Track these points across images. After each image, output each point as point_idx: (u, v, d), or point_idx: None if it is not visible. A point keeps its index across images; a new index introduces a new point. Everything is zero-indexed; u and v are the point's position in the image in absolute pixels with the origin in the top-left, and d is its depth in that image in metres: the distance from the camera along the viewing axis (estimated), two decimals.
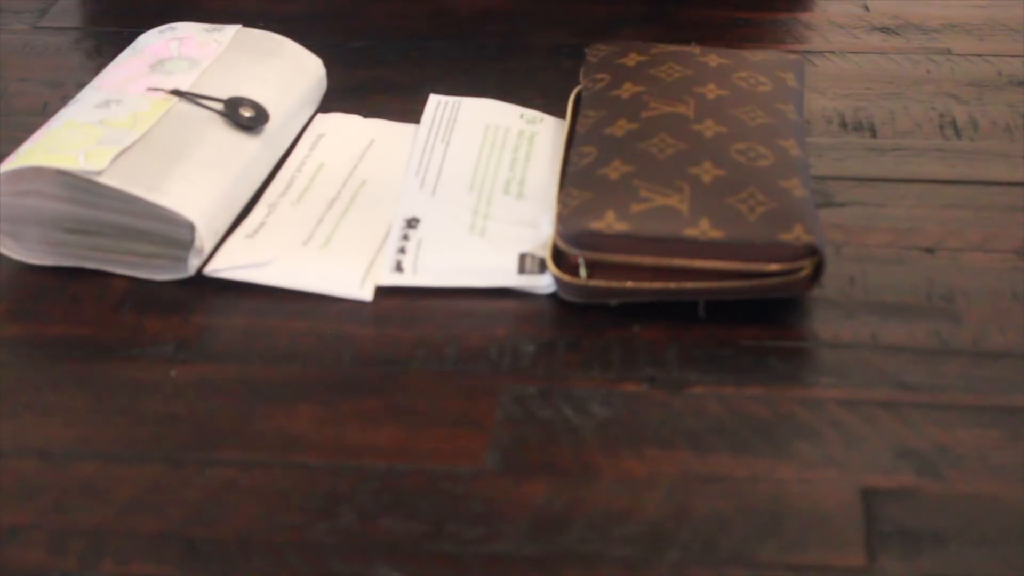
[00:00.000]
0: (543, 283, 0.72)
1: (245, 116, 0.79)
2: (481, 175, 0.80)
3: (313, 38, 0.99)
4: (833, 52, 0.97)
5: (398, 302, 0.72)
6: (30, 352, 0.69)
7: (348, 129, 0.86)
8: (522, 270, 0.73)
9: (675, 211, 0.70)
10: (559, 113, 0.89)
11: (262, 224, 0.76)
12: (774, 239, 0.69)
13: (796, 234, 0.69)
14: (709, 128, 0.76)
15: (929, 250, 0.76)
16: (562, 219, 0.71)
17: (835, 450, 0.62)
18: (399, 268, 0.73)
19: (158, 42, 0.85)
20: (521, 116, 0.86)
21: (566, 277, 0.70)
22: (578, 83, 0.92)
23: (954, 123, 0.87)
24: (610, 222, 0.70)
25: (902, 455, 0.62)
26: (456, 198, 0.78)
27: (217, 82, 0.81)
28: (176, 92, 0.79)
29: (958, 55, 0.96)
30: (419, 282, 0.73)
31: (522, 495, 0.60)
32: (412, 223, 0.76)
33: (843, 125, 0.87)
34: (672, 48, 0.85)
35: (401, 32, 1.01)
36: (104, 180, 0.71)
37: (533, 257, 0.74)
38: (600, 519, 0.59)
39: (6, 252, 0.75)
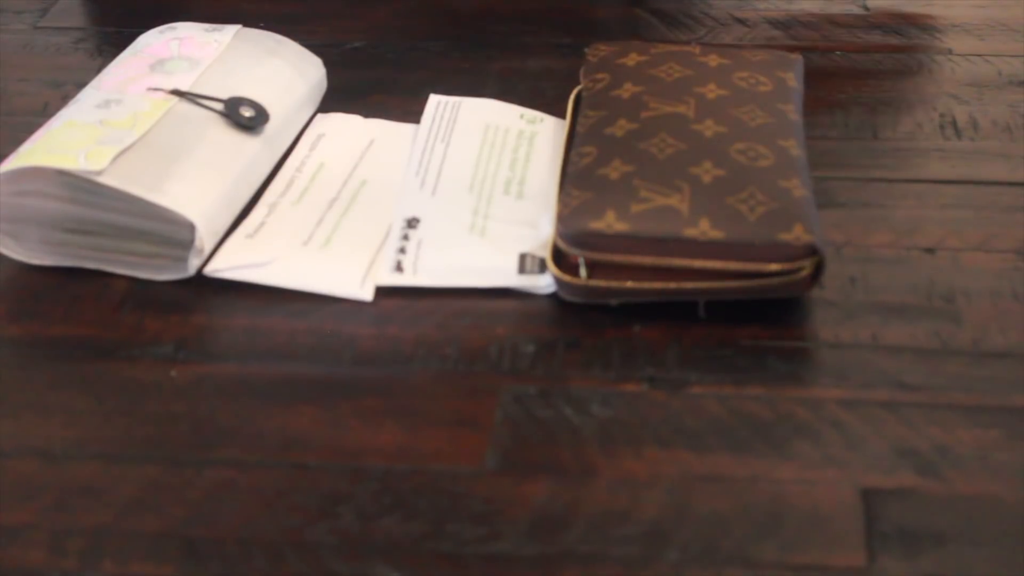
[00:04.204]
0: (543, 283, 0.72)
1: (245, 116, 0.79)
2: (481, 175, 0.80)
3: (313, 38, 0.99)
4: (833, 52, 0.97)
5: (398, 302, 0.72)
6: (30, 352, 0.69)
7: (348, 129, 0.86)
8: (522, 270, 0.73)
9: (675, 211, 0.70)
10: (559, 113, 0.89)
11: (262, 224, 0.76)
12: (774, 239, 0.69)
13: (796, 234, 0.69)
14: (709, 128, 0.76)
15: (929, 250, 0.76)
16: (562, 219, 0.71)
17: (835, 450, 0.62)
18: (399, 268, 0.73)
19: (158, 42, 0.85)
20: (521, 116, 0.86)
21: (566, 277, 0.70)
22: (578, 83, 0.92)
23: (954, 123, 0.87)
24: (610, 222, 0.70)
25: (902, 455, 0.62)
26: (456, 198, 0.78)
27: (217, 82, 0.81)
28: (176, 92, 0.79)
29: (958, 55, 0.96)
30: (419, 282, 0.73)
31: (522, 495, 0.60)
32: (412, 223, 0.76)
33: (844, 125, 0.87)
34: (672, 48, 0.85)
35: (401, 32, 1.01)
36: (104, 180, 0.71)
37: (533, 257, 0.74)
38: (600, 519, 0.59)
39: (6, 252, 0.75)
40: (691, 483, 0.61)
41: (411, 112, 0.89)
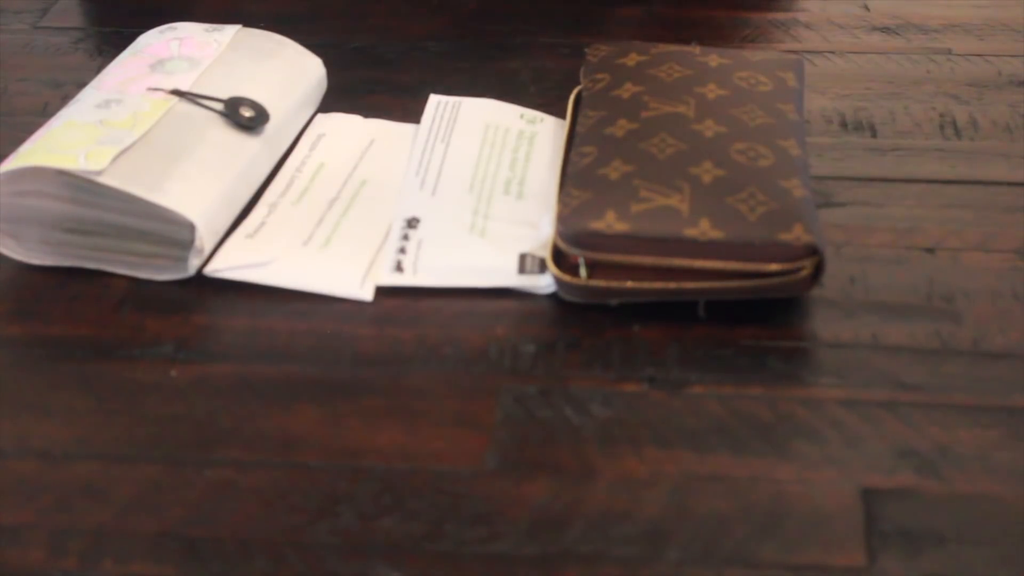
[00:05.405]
0: (543, 283, 0.72)
1: (245, 116, 0.79)
2: (481, 175, 0.80)
3: (313, 38, 0.99)
4: (833, 52, 0.97)
5: (398, 302, 0.72)
6: (30, 352, 0.69)
7: (348, 129, 0.86)
8: (522, 270, 0.73)
9: (675, 211, 0.70)
10: (559, 113, 0.89)
11: (262, 224, 0.76)
12: (774, 239, 0.69)
13: (796, 234, 0.69)
14: (709, 128, 0.76)
15: (929, 250, 0.76)
16: (562, 219, 0.71)
17: (835, 450, 0.62)
18: (399, 268, 0.73)
19: (158, 42, 0.85)
20: (521, 116, 0.86)
21: (566, 277, 0.70)
22: (578, 83, 0.92)
23: (954, 123, 0.87)
24: (610, 222, 0.70)
25: (902, 455, 0.62)
26: (456, 198, 0.78)
27: (217, 82, 0.81)
28: (176, 92, 0.79)
29: (958, 55, 0.96)
30: (419, 282, 0.73)
31: (522, 495, 0.60)
32: (412, 223, 0.76)
33: (843, 125, 0.87)
34: (672, 48, 0.85)
35: (401, 32, 1.01)
36: (104, 180, 0.71)
37: (533, 257, 0.74)
38: (600, 519, 0.59)
39: (6, 252, 0.75)
40: (691, 483, 0.61)
41: (411, 112, 0.89)
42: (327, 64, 0.94)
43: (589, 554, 0.57)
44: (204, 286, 0.73)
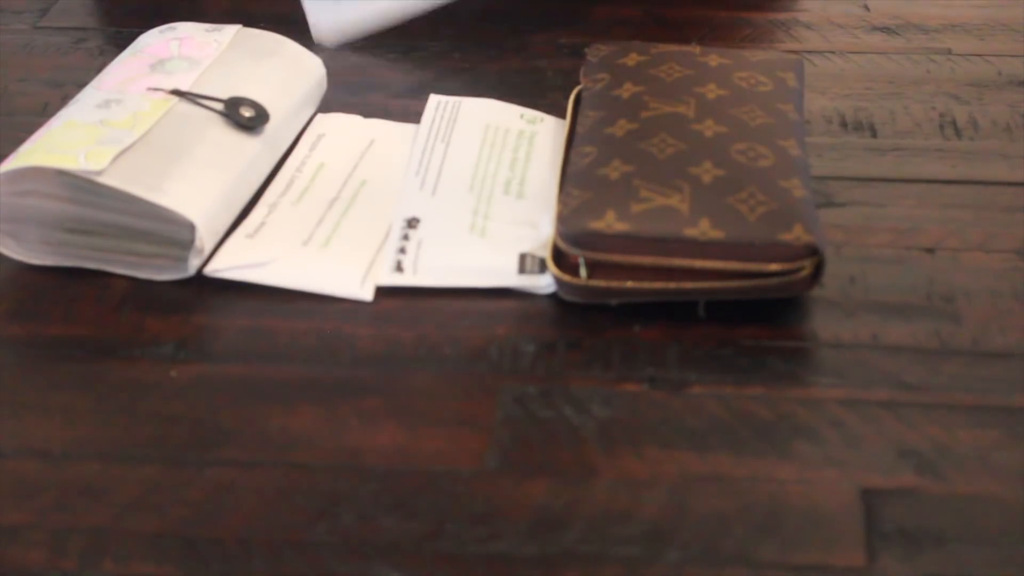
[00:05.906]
0: (543, 283, 0.72)
1: (245, 116, 0.79)
2: (481, 175, 0.80)
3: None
4: (833, 52, 0.97)
5: (398, 302, 0.72)
6: (30, 352, 0.69)
7: (348, 129, 0.86)
8: (522, 270, 0.73)
9: (675, 211, 0.70)
10: (559, 113, 0.89)
11: (262, 224, 0.76)
12: (774, 239, 0.69)
13: (796, 234, 0.69)
14: (709, 128, 0.76)
15: (929, 250, 0.76)
16: (562, 219, 0.71)
17: (835, 450, 0.62)
18: (399, 268, 0.73)
19: (158, 42, 0.85)
20: (521, 116, 0.86)
21: (566, 277, 0.70)
22: (578, 83, 0.92)
23: (954, 123, 0.87)
24: (610, 222, 0.70)
25: (902, 455, 0.62)
26: (456, 198, 0.78)
27: (217, 82, 0.81)
28: (176, 92, 0.79)
29: (958, 55, 0.96)
30: (419, 282, 0.73)
31: (522, 495, 0.60)
32: (412, 223, 0.76)
33: (843, 125, 0.87)
34: (672, 48, 0.85)
35: (401, 32, 1.01)
36: (104, 180, 0.71)
37: (533, 257, 0.74)
38: (600, 519, 0.59)
39: (6, 252, 0.75)
40: (691, 483, 0.61)
41: (411, 112, 0.89)
42: (327, 64, 0.94)
43: (589, 554, 0.57)
44: (204, 286, 0.73)
